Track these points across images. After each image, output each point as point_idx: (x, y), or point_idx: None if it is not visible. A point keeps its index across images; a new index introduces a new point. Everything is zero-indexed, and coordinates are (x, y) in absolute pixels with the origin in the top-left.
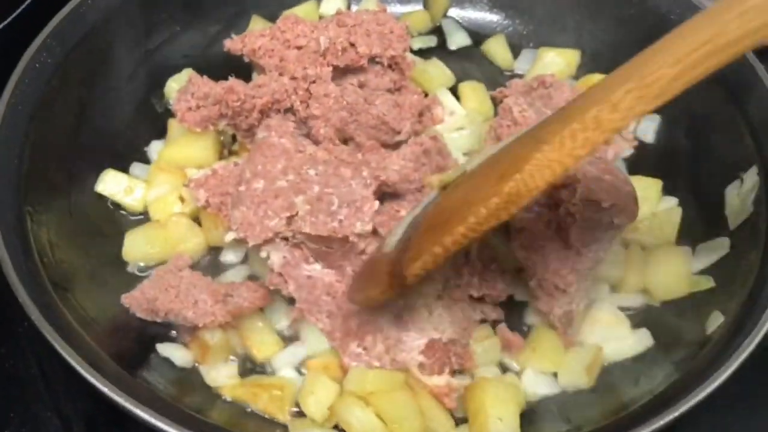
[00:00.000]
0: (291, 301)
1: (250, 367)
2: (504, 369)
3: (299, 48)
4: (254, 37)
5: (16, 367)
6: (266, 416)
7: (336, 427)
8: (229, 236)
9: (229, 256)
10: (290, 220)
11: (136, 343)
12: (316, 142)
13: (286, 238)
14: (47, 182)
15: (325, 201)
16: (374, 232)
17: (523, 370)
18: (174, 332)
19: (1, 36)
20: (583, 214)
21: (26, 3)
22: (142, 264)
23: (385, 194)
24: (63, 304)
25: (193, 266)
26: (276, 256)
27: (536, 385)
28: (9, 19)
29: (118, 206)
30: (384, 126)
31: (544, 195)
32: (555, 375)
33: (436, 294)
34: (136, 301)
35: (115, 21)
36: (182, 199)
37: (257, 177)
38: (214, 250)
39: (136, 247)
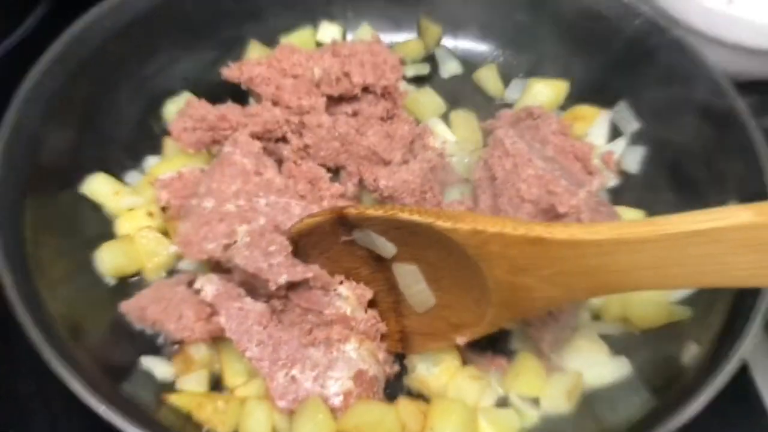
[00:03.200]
0: None
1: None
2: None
3: (295, 77)
4: (251, 66)
5: (14, 385)
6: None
7: None
8: (172, 249)
9: (184, 264)
10: (227, 247)
11: (124, 355)
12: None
13: (219, 263)
14: (47, 202)
15: (266, 240)
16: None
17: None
18: (161, 343)
19: (4, 58)
20: None
21: (27, 26)
22: (117, 277)
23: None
24: (59, 319)
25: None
26: (209, 288)
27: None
28: (11, 40)
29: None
30: (374, 156)
31: (546, 222)
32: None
33: (363, 328)
34: (131, 308)
35: (117, 45)
36: (151, 214)
37: (210, 194)
38: None
39: (108, 261)
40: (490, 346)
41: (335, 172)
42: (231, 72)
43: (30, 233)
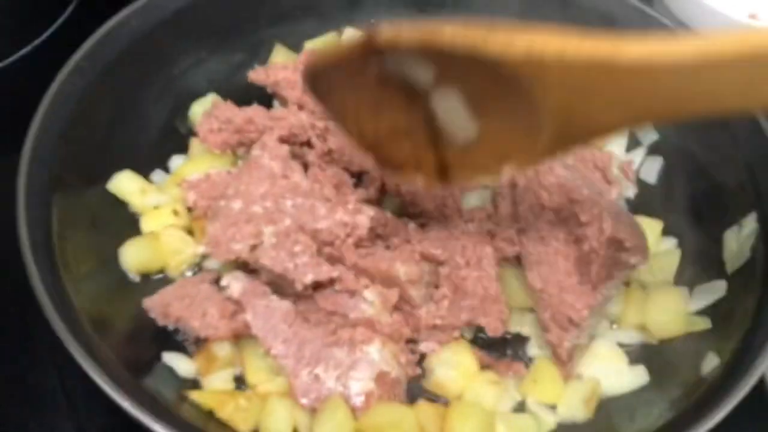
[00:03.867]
0: None
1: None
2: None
3: None
4: (277, 70)
5: (36, 378)
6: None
7: None
8: (200, 249)
9: (209, 263)
10: (254, 248)
11: (147, 351)
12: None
13: (246, 263)
14: (75, 198)
15: (292, 240)
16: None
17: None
18: (184, 341)
19: (34, 57)
20: (605, 252)
21: (58, 24)
22: (141, 273)
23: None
24: (84, 314)
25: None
26: (236, 285)
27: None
28: (42, 39)
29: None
30: None
31: (567, 230)
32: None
33: (387, 331)
34: (154, 304)
35: (144, 46)
36: (176, 213)
37: (238, 196)
38: None
39: (132, 258)
40: (508, 351)
41: (358, 177)
42: (257, 75)
43: (57, 228)
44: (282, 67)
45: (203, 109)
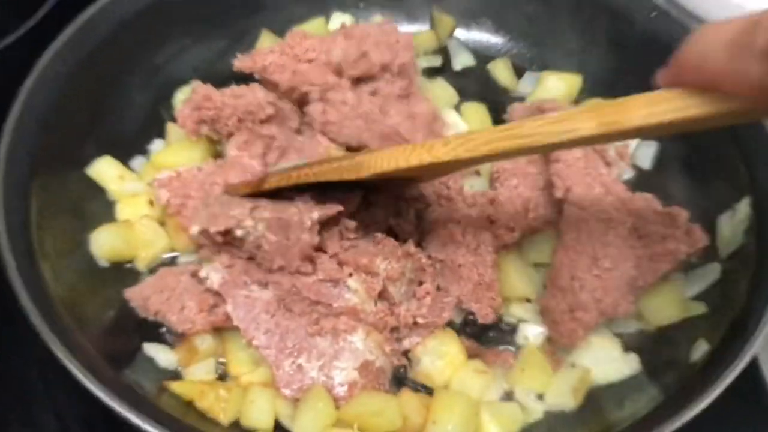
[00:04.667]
0: None
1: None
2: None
3: (310, 61)
4: (263, 55)
5: (16, 369)
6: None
7: None
8: (194, 229)
9: (183, 260)
10: (253, 210)
11: (126, 342)
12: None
13: (228, 245)
14: (54, 187)
15: (285, 203)
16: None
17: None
18: (166, 332)
19: (16, 44)
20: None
21: (41, 13)
22: (111, 262)
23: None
24: (62, 308)
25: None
26: (215, 276)
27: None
28: (22, 30)
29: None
30: (397, 136)
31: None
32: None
33: (372, 320)
34: (135, 295)
35: (127, 33)
36: (152, 203)
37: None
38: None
39: (103, 243)
40: (497, 340)
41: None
42: (243, 62)
43: (35, 216)
44: (268, 52)
45: (185, 96)
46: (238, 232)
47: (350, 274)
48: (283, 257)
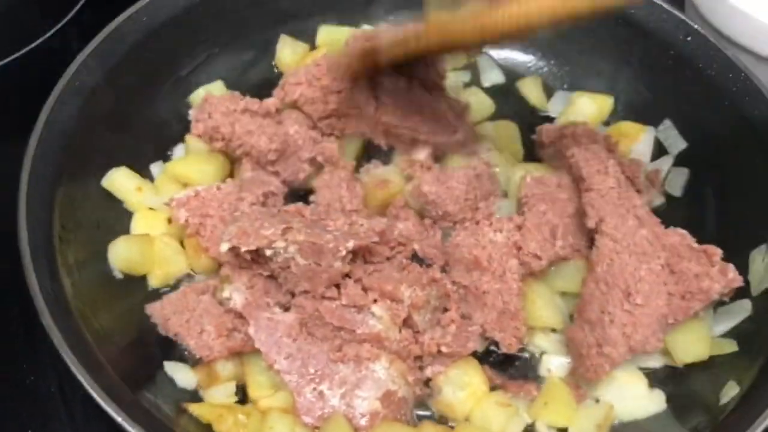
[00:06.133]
0: None
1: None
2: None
3: (339, 93)
4: (292, 86)
5: (36, 383)
6: None
7: None
8: (223, 246)
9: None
10: (285, 231)
11: (147, 359)
12: None
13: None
14: (77, 199)
15: (320, 226)
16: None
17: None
18: (186, 350)
19: (42, 53)
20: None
21: (66, 20)
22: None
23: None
24: (83, 324)
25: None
26: (238, 296)
27: None
28: (51, 35)
29: None
30: (444, 120)
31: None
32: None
33: (396, 348)
34: (156, 312)
35: (153, 44)
36: (169, 220)
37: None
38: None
39: (119, 254)
40: (519, 369)
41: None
42: (278, 95)
43: (57, 229)
44: (295, 83)
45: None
46: (268, 252)
47: (375, 300)
48: (310, 281)
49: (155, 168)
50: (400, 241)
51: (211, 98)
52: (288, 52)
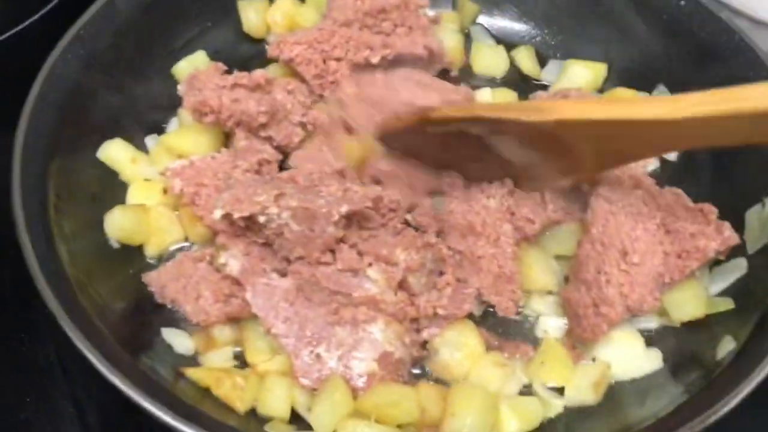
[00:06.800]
0: None
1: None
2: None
3: (338, 60)
4: (290, 45)
5: (35, 353)
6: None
7: None
8: (217, 213)
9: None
10: (278, 197)
11: (145, 326)
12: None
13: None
14: (71, 170)
15: (313, 192)
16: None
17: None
18: (183, 318)
19: (33, 29)
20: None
21: None
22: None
23: None
24: (80, 292)
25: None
26: (235, 263)
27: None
28: (41, 12)
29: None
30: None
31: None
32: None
33: (392, 311)
34: (153, 280)
35: (146, 16)
36: (165, 191)
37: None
38: None
39: (115, 223)
40: (516, 332)
41: None
42: (272, 51)
43: (53, 199)
44: (295, 43)
45: (189, 66)
46: (261, 218)
47: (370, 264)
48: (304, 247)
49: (150, 141)
50: (390, 207)
51: (199, 74)
52: (251, 14)
